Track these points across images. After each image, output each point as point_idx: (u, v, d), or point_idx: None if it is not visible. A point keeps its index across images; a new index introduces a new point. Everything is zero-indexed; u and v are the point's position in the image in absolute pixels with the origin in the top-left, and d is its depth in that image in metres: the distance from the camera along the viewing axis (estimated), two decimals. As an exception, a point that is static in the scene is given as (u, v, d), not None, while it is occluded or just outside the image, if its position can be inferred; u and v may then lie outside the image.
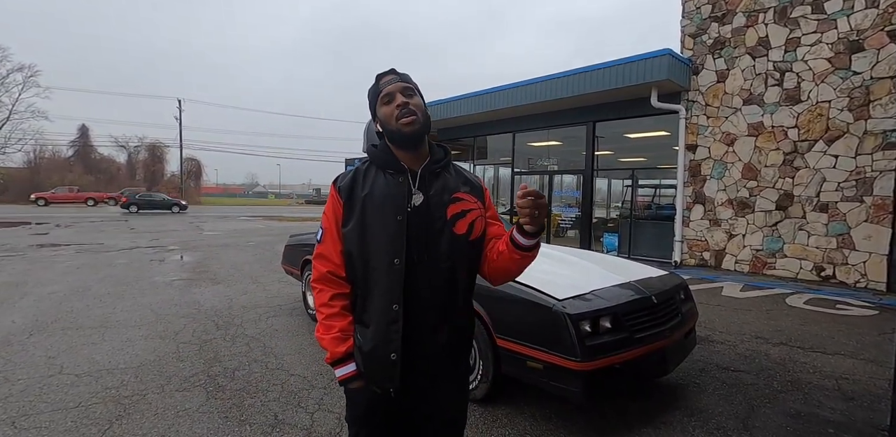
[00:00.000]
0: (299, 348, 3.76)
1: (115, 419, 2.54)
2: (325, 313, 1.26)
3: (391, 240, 1.21)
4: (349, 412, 1.32)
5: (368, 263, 1.23)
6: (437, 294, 1.24)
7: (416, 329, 1.23)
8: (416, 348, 1.23)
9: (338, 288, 1.27)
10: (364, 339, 1.24)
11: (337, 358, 1.24)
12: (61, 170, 41.02)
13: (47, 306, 5.00)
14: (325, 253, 1.28)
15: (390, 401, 1.25)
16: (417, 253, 1.22)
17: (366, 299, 1.25)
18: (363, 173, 1.29)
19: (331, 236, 1.28)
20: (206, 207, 36.34)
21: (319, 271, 1.28)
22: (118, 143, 48.51)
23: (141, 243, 11.20)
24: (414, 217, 1.23)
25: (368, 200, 1.24)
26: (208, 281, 6.53)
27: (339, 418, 2.58)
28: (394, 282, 1.20)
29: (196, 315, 4.70)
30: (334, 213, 1.28)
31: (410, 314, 1.22)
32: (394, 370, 1.21)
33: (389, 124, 1.25)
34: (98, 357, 3.49)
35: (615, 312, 2.38)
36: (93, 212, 25.45)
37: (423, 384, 1.27)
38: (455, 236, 1.25)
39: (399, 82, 1.26)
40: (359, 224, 1.24)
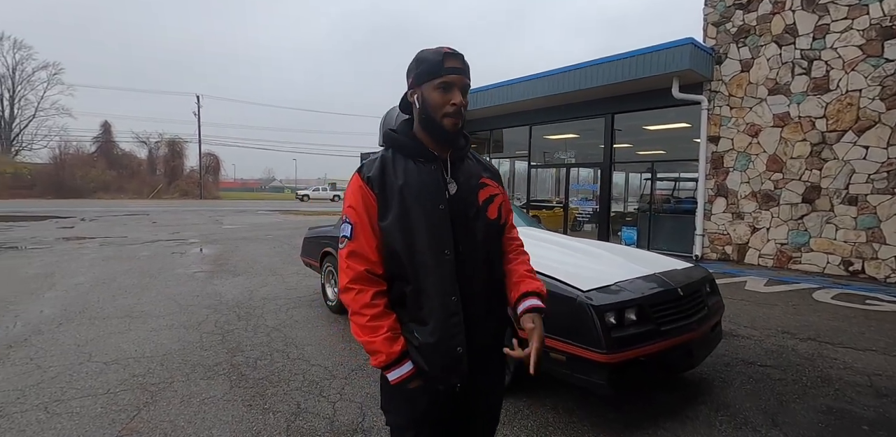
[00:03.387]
0: (319, 338, 3.80)
1: (143, 406, 2.59)
2: (370, 314, 1.15)
3: (437, 231, 1.16)
4: (403, 413, 1.23)
5: (416, 258, 1.16)
6: (482, 283, 1.22)
7: (472, 321, 1.19)
8: (474, 343, 1.20)
9: (378, 286, 1.19)
10: (423, 336, 1.17)
11: (394, 359, 1.15)
12: (85, 166, 41.96)
13: (75, 297, 5.13)
14: (360, 250, 1.17)
15: (450, 398, 1.21)
16: (463, 241, 1.18)
17: (419, 296, 1.18)
18: (391, 161, 1.21)
19: (364, 231, 1.18)
20: (224, 202, 36.91)
21: (356, 271, 1.17)
22: (139, 139, 49.44)
23: (162, 237, 11.42)
24: (454, 205, 1.19)
25: (406, 191, 1.16)
26: (229, 273, 6.63)
27: (361, 407, 2.59)
28: (447, 274, 1.15)
29: (218, 306, 4.77)
30: (365, 206, 1.18)
31: (467, 306, 1.18)
32: (461, 365, 1.17)
33: (434, 114, 1.18)
34: (125, 346, 3.56)
35: (641, 304, 2.33)
36: (114, 205, 26.03)
37: (482, 381, 1.24)
38: (489, 221, 1.23)
39: (464, 76, 1.18)
40: (399, 217, 1.16)
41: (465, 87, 1.19)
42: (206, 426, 2.37)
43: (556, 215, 11.43)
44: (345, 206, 1.23)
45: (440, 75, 1.16)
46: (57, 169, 40.15)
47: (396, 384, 1.17)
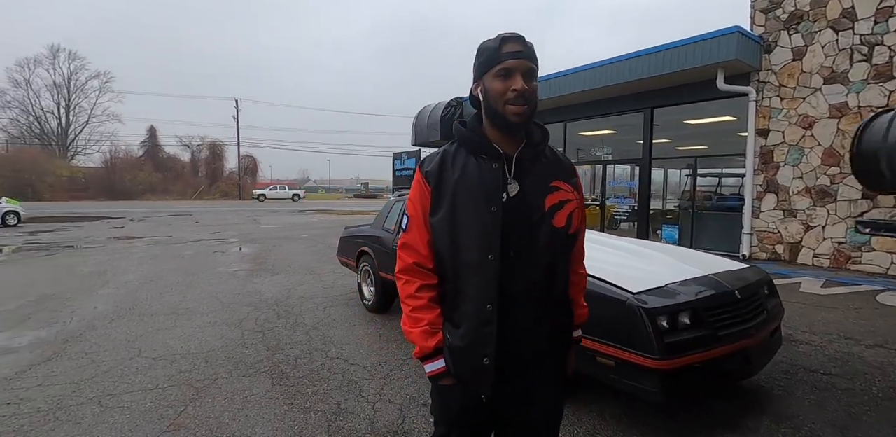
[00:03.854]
0: (357, 338, 3.80)
1: (189, 402, 2.64)
2: (412, 305, 1.17)
3: (484, 233, 1.10)
4: (438, 410, 1.24)
5: (459, 257, 1.13)
6: (534, 292, 1.14)
7: (513, 330, 1.13)
8: (512, 351, 1.13)
9: (425, 279, 1.18)
10: (454, 338, 1.15)
11: (427, 353, 1.16)
12: (133, 169, 44.16)
13: (125, 294, 5.36)
14: (412, 243, 1.19)
15: (482, 405, 1.16)
16: (514, 248, 1.11)
17: (456, 297, 1.16)
18: (452, 156, 1.18)
19: (417, 224, 1.19)
20: (262, 202, 38.00)
21: (405, 262, 1.19)
22: (182, 142, 51.61)
23: (204, 236, 11.84)
24: (509, 208, 1.12)
25: (459, 188, 1.13)
26: (267, 272, 6.78)
27: (401, 409, 2.56)
28: (487, 279, 1.10)
29: (258, 304, 4.87)
30: (421, 200, 1.19)
31: (506, 314, 1.12)
32: (486, 376, 1.11)
33: (496, 104, 1.11)
34: (171, 342, 3.67)
35: (695, 307, 2.20)
36: (160, 206, 27.23)
37: (520, 388, 1.17)
38: (554, 229, 1.14)
39: (525, 60, 1.09)
40: (448, 214, 1.14)
41: (529, 71, 1.10)
42: (249, 424, 2.40)
43: (592, 214, 11.15)
44: (408, 198, 1.24)
45: (499, 62, 1.09)
46: (108, 172, 42.47)
47: (430, 378, 1.19)
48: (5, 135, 45.34)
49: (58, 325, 4.14)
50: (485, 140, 1.16)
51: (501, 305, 1.11)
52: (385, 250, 4.33)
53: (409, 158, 16.98)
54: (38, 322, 4.23)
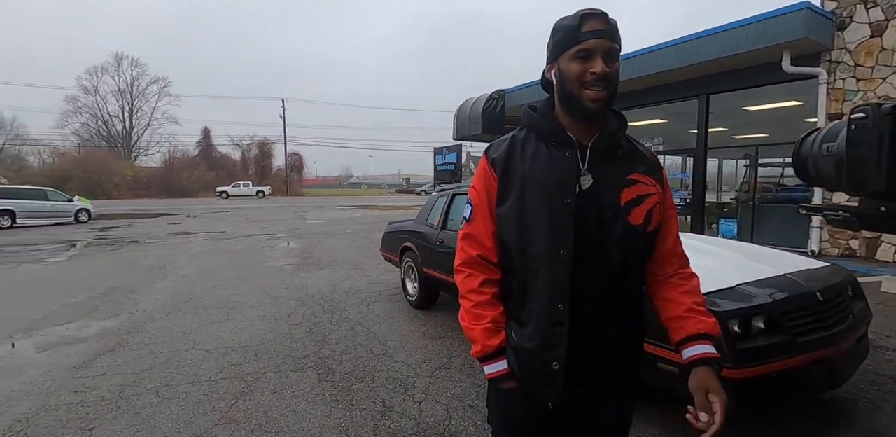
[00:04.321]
0: (401, 334, 3.78)
1: (240, 395, 2.69)
2: (474, 301, 1.09)
3: (556, 226, 1.01)
4: (498, 416, 1.15)
5: (527, 251, 1.04)
6: (607, 292, 1.03)
7: (583, 333, 1.03)
8: (582, 355, 1.03)
9: (488, 273, 1.10)
10: (520, 338, 1.06)
11: (489, 353, 1.07)
12: (190, 168, 46.72)
13: (182, 287, 5.60)
14: (476, 234, 1.11)
15: (550, 412, 1.07)
16: (586, 244, 1.01)
17: (523, 294, 1.06)
18: (521, 143, 1.09)
19: (482, 214, 1.10)
20: (307, 198, 39.21)
21: (468, 254, 1.11)
22: (234, 142, 54.15)
23: (254, 231, 12.29)
24: (583, 201, 1.02)
25: (529, 177, 1.04)
26: (313, 266, 6.92)
27: (447, 409, 2.49)
28: (559, 276, 1.00)
29: (304, 299, 4.96)
30: (486, 189, 1.10)
31: (577, 315, 1.02)
32: (555, 381, 1.02)
33: (571, 88, 1.01)
34: (223, 335, 3.78)
35: (770, 310, 1.99)
36: (214, 203, 28.60)
37: (587, 395, 1.07)
38: (630, 226, 1.03)
39: (606, 40, 0.97)
40: (517, 205, 1.05)
41: (611, 51, 0.98)
42: (297, 420, 2.40)
43: (641, 207, 10.67)
44: (471, 186, 1.15)
45: (577, 42, 0.97)
46: (167, 171, 45.17)
47: (490, 380, 1.10)
48: (78, 138, 49.17)
49: (121, 316, 4.37)
50: (557, 126, 1.05)
51: (573, 304, 1.01)
52: (428, 246, 4.28)
53: (450, 152, 16.92)
54: (105, 313, 4.48)
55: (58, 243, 10.48)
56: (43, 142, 47.49)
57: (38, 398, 2.68)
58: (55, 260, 8.00)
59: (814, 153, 1.94)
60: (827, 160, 1.87)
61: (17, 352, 3.47)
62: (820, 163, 1.92)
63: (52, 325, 4.13)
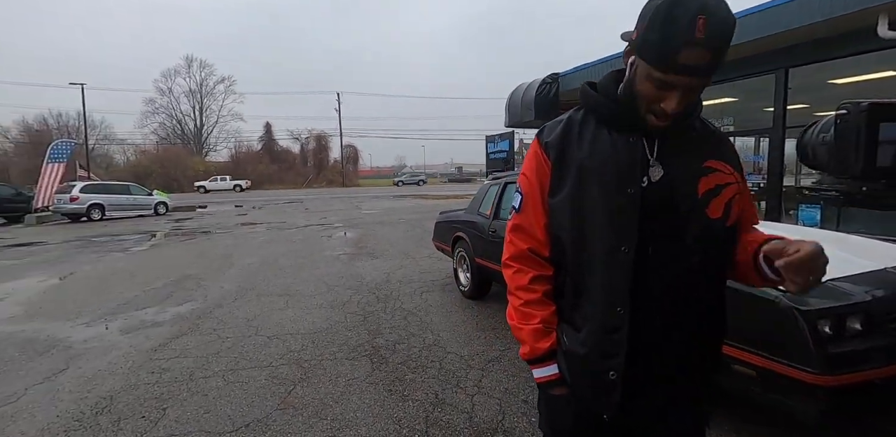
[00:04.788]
0: (453, 325, 3.75)
1: (298, 382, 2.78)
2: (524, 299, 1.00)
3: (617, 221, 0.90)
4: (550, 422, 1.07)
5: (584, 248, 0.94)
6: (677, 295, 0.91)
7: (646, 340, 0.91)
8: (643, 365, 0.92)
9: (540, 269, 1.01)
10: (571, 342, 0.96)
11: (538, 356, 0.99)
12: (254, 162, 49.36)
13: (246, 276, 5.91)
14: (526, 226, 1.02)
15: (605, 424, 0.97)
16: (654, 241, 0.90)
17: (577, 294, 0.96)
18: (578, 126, 0.97)
19: (533, 205, 1.01)
20: (362, 189, 40.26)
21: (518, 248, 1.03)
22: (293, 135, 56.43)
23: (313, 222, 12.76)
24: (651, 195, 0.90)
25: (587, 165, 0.93)
26: (368, 256, 7.06)
27: (500, 404, 2.44)
28: (619, 277, 0.89)
29: (359, 288, 5.06)
30: (538, 176, 1.00)
31: (639, 320, 0.90)
32: (612, 392, 0.91)
33: (637, 101, 0.88)
34: (284, 322, 3.94)
35: (869, 309, 1.74)
36: (276, 195, 30.06)
37: (650, 407, 0.96)
38: (709, 220, 0.90)
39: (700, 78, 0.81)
40: (573, 196, 0.94)
41: (697, 89, 0.84)
42: (351, 408, 2.44)
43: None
44: (521, 172, 1.06)
45: (664, 66, 0.80)
46: (234, 165, 47.99)
47: (539, 385, 1.02)
48: (156, 137, 53.31)
49: (193, 302, 4.67)
50: (623, 109, 0.92)
51: (634, 309, 0.89)
52: (480, 236, 4.21)
53: (502, 140, 16.63)
54: (178, 300, 4.81)
55: (139, 233, 11.41)
56: (127, 141, 52.05)
57: (120, 377, 2.91)
58: (137, 249, 8.72)
59: (813, 141, 2.53)
60: (822, 148, 2.21)
61: (105, 334, 3.80)
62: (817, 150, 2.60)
63: (134, 309, 4.48)
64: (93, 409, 2.51)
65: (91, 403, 2.58)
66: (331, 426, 2.27)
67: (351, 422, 2.30)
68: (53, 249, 9.05)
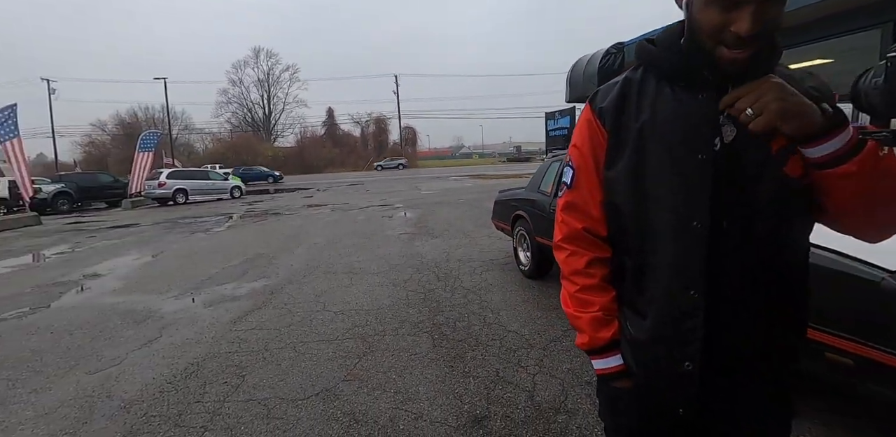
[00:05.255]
0: (513, 304, 3.72)
1: (362, 355, 2.89)
2: (580, 285, 0.93)
3: (687, 191, 0.79)
4: (613, 417, 1.00)
5: (648, 224, 0.84)
6: (756, 272, 0.80)
7: (722, 325, 0.81)
8: (720, 353, 0.83)
9: (596, 251, 0.93)
10: (637, 330, 0.88)
11: (599, 346, 0.91)
12: (317, 146, 51.40)
13: (313, 254, 6.20)
14: (579, 203, 0.93)
15: (678, 419, 0.88)
16: (728, 212, 0.79)
17: (641, 276, 0.87)
18: (637, 86, 0.87)
19: (587, 179, 0.92)
20: (421, 170, 40.67)
21: (571, 228, 0.94)
22: (354, 119, 58.10)
23: (374, 203, 13.10)
24: (723, 157, 0.78)
25: (649, 129, 0.83)
26: (427, 235, 7.15)
27: (562, 384, 2.39)
28: (690, 255, 0.79)
29: (420, 266, 5.14)
30: (592, 147, 0.90)
31: (714, 302, 0.80)
32: (687, 385, 0.83)
33: (701, 40, 0.75)
34: (348, 299, 4.09)
35: None
36: (339, 178, 31.14)
37: (728, 400, 0.87)
38: (787, 180, 0.77)
39: None
40: (634, 165, 0.84)
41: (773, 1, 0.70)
42: (413, 382, 2.50)
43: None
44: (570, 144, 0.96)
45: None
46: (299, 150, 50.34)
47: (601, 376, 0.95)
48: (230, 125, 56.86)
49: (266, 279, 4.98)
50: (690, 62, 0.80)
51: (710, 289, 0.80)
52: (541, 214, 4.10)
53: (562, 116, 15.98)
54: (253, 276, 5.15)
55: (218, 215, 12.30)
56: (205, 130, 55.95)
57: (205, 345, 3.18)
58: (217, 230, 9.42)
59: (866, 87, 2.25)
60: (874, 92, 2.19)
61: (191, 306, 4.16)
62: (870, 94, 2.23)
63: (215, 285, 4.86)
64: (182, 373, 2.76)
65: (181, 368, 2.84)
66: (394, 398, 2.34)
67: (413, 396, 2.36)
68: (146, 230, 10.00)
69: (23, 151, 14.69)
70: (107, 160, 43.90)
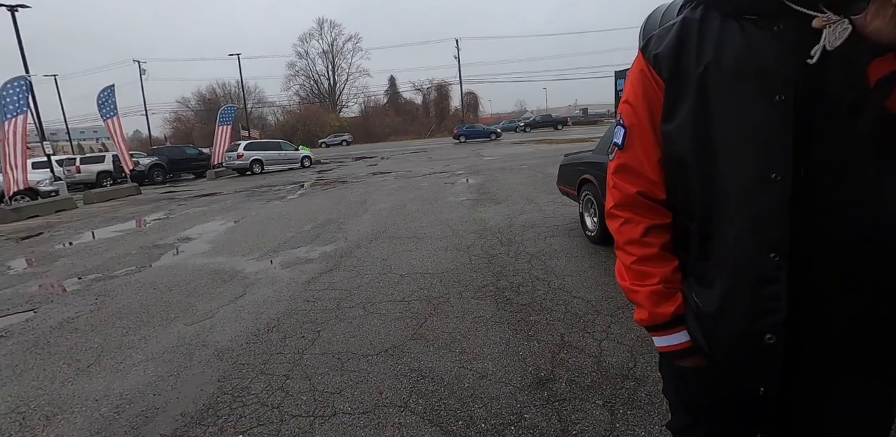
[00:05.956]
0: (579, 269, 3.62)
1: (428, 316, 2.97)
2: (637, 255, 0.84)
3: (762, 139, 0.69)
4: (680, 397, 0.93)
5: (716, 180, 0.74)
6: (849, 232, 0.68)
7: (811, 296, 0.71)
8: (809, 327, 0.72)
9: (654, 217, 0.84)
10: (704, 302, 0.79)
11: (660, 322, 0.82)
12: (381, 115, 52.06)
13: (379, 220, 6.38)
14: (634, 165, 0.84)
15: (758, 400, 0.79)
16: (812, 160, 0.67)
17: (707, 241, 0.78)
18: (697, 27, 0.75)
19: (641, 137, 0.83)
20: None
21: (625, 193, 0.85)
22: (415, 87, 57.82)
23: (436, 170, 13.14)
24: (807, 95, 0.66)
25: (714, 73, 0.72)
26: (490, 201, 7.08)
27: (631, 351, 2.32)
28: (768, 213, 0.69)
29: (483, 232, 5.13)
30: (647, 100, 0.81)
31: (800, 270, 0.69)
32: (770, 362, 0.73)
33: None
34: (414, 262, 4.19)
35: None
36: (401, 146, 31.51)
37: (817, 380, 0.76)
38: (887, 116, 0.64)
39: None
40: (697, 115, 0.74)
41: None
42: (478, 344, 2.54)
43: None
44: (621, 100, 0.86)
45: None
46: (364, 120, 51.35)
47: (663, 353, 0.86)
48: (298, 97, 58.85)
49: (336, 243, 5.22)
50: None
51: (794, 253, 0.69)
52: (610, 178, 3.89)
53: (635, 73, 14.88)
54: (324, 240, 5.41)
55: (291, 184, 12.97)
56: (276, 103, 58.41)
57: (284, 303, 3.42)
58: (290, 197, 9.95)
59: None
60: None
61: (270, 267, 4.47)
62: None
63: (290, 248, 5.17)
64: (265, 327, 3.00)
65: (264, 322, 3.08)
66: (460, 357, 2.40)
67: (478, 356, 2.40)
68: (228, 198, 10.79)
69: (122, 129, 16.22)
70: (192, 134, 47.52)
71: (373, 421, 1.92)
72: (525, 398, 2.00)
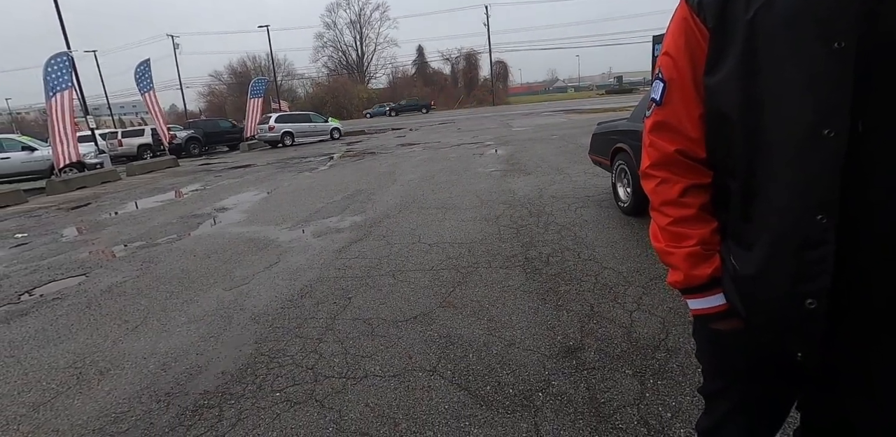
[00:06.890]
0: (611, 240, 3.54)
1: (457, 285, 2.98)
2: (674, 216, 0.80)
3: (818, 90, 0.62)
4: (710, 357, 0.90)
5: (762, 135, 0.69)
6: None
7: (858, 257, 0.65)
8: (855, 294, 0.67)
9: (693, 176, 0.79)
10: (743, 265, 0.75)
11: (696, 284, 0.80)
12: (409, 86, 51.31)
13: (408, 190, 6.38)
14: (673, 121, 0.79)
15: (797, 365, 0.75)
16: (875, 115, 0.60)
17: (752, 200, 0.73)
18: None
19: (681, 91, 0.77)
20: (513, 106, 39.04)
21: (662, 151, 0.81)
22: (443, 56, 56.50)
23: (465, 140, 12.95)
24: (869, 45, 0.59)
25: (765, 19, 0.65)
26: (519, 172, 6.96)
27: (663, 322, 2.27)
28: (819, 171, 0.63)
29: (512, 202, 5.07)
30: (689, 51, 0.75)
31: (849, 232, 0.64)
32: (810, 327, 0.69)
33: None
34: (443, 232, 4.20)
35: None
36: (429, 117, 31.11)
37: (857, 355, 0.72)
38: None
39: None
40: (745, 65, 0.68)
41: None
42: (506, 312, 2.55)
43: None
44: (661, 52, 0.81)
45: None
46: (392, 91, 50.80)
47: (698, 317, 0.84)
48: (326, 69, 58.51)
49: (365, 213, 5.27)
50: None
51: (843, 215, 0.63)
52: (646, 146, 3.72)
53: (677, 35, 14.00)
54: (353, 211, 5.48)
55: (321, 155, 13.09)
56: (305, 75, 58.32)
57: (316, 270, 3.51)
58: (321, 169, 10.06)
59: None
60: None
61: (302, 236, 4.57)
62: None
63: (321, 218, 5.26)
64: (299, 293, 3.09)
65: (297, 288, 3.17)
66: (488, 325, 2.42)
67: (507, 324, 2.41)
68: (261, 170, 11.00)
69: (158, 102, 16.60)
70: (224, 108, 48.27)
71: (403, 384, 1.98)
72: (553, 366, 2.00)
